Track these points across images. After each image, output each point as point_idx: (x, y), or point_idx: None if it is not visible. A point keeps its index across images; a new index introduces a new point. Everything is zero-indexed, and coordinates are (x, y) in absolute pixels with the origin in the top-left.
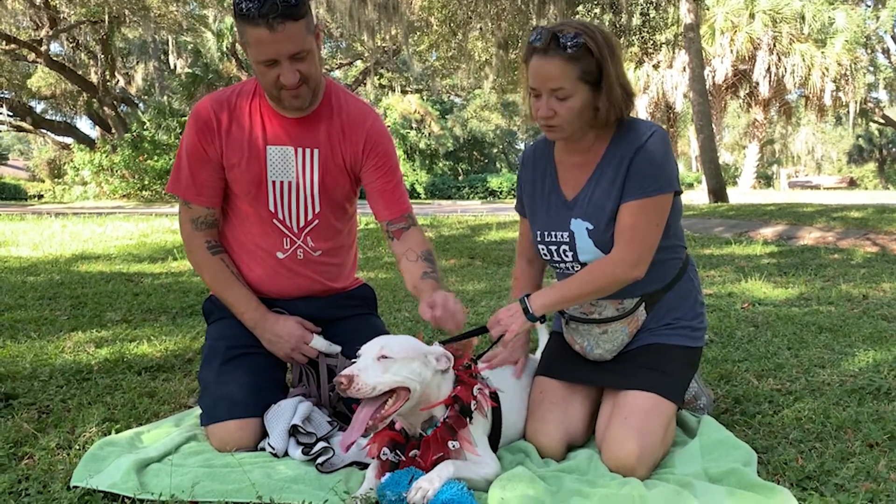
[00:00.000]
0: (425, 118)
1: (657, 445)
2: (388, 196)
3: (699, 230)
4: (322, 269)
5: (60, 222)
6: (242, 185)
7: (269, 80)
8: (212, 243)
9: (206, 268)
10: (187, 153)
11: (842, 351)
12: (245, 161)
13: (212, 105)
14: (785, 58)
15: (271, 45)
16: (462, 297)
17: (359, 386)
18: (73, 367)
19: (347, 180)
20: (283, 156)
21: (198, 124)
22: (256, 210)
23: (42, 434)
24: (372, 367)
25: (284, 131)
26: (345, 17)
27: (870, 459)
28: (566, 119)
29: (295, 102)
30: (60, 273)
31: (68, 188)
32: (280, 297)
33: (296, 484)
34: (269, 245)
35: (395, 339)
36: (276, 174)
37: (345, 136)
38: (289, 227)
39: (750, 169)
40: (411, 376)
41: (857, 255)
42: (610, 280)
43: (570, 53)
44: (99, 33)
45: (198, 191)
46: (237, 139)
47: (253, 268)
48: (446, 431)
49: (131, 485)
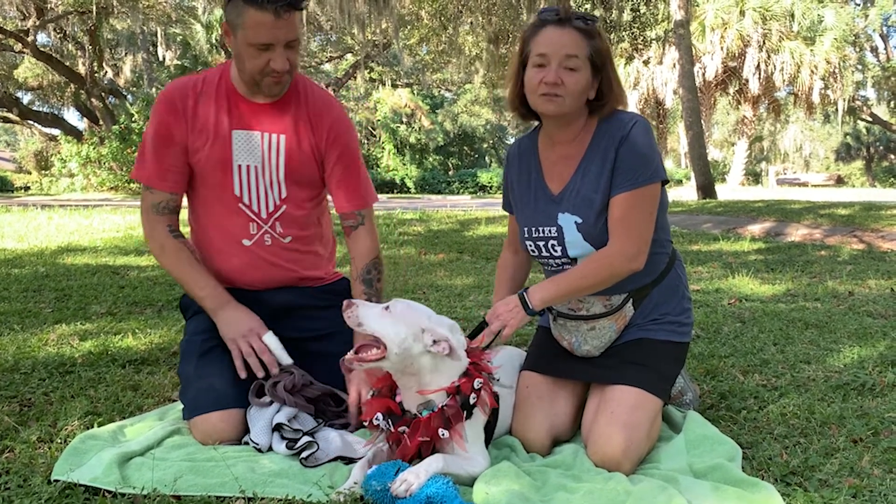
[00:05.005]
0: (416, 112)
1: (643, 440)
2: (345, 187)
3: (687, 226)
4: (293, 258)
5: (46, 214)
6: (208, 169)
7: (257, 65)
8: (173, 228)
9: (167, 251)
10: (153, 137)
11: (827, 347)
12: (210, 145)
13: (178, 89)
14: (774, 55)
15: (272, 30)
16: (450, 291)
17: (351, 313)
18: (57, 360)
19: (314, 167)
20: (248, 140)
21: (165, 106)
22: (221, 196)
23: (23, 427)
24: (373, 310)
25: (251, 116)
26: (335, 11)
27: (853, 455)
28: (571, 91)
29: (275, 89)
30: (45, 265)
31: (55, 180)
32: (252, 287)
33: (279, 478)
34: (235, 232)
35: (411, 303)
36: (242, 158)
37: (310, 125)
38: (256, 213)
39: (738, 166)
40: (395, 339)
41: (843, 252)
42: (609, 273)
43: (587, 28)
44: (87, 24)
45: (161, 175)
46: (203, 123)
47: (221, 258)
48: (440, 419)
49: (113, 478)
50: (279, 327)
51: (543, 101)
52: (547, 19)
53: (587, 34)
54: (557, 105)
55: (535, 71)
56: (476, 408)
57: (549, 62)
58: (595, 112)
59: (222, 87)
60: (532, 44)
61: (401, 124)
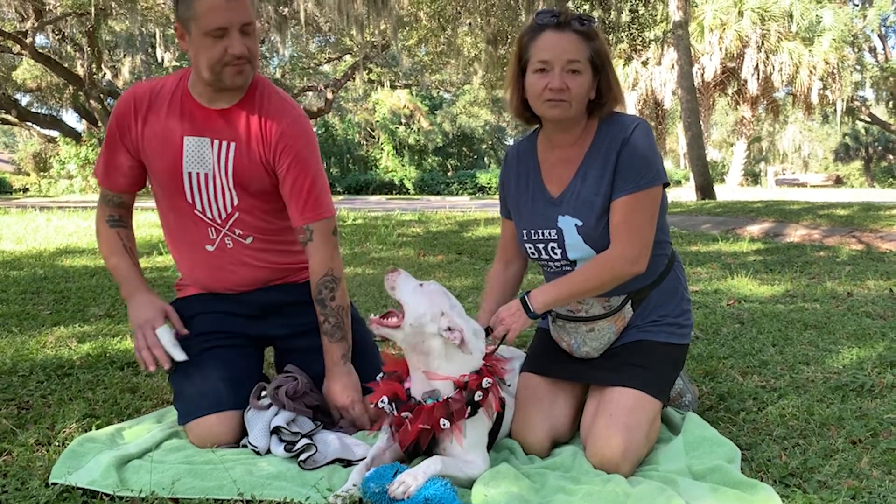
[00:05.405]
0: (414, 113)
1: (641, 442)
2: (294, 199)
3: (686, 227)
4: (260, 255)
5: (45, 216)
6: (160, 177)
7: (216, 55)
8: (115, 217)
9: (101, 237)
10: (105, 137)
11: (826, 348)
12: (160, 152)
13: (133, 95)
14: (773, 56)
15: (224, 12)
16: (449, 292)
17: (393, 280)
18: (55, 363)
19: (266, 175)
20: (198, 147)
21: (118, 109)
22: (178, 203)
23: (21, 430)
24: (410, 282)
25: (203, 123)
26: (333, 12)
27: (852, 456)
28: (576, 95)
29: (237, 80)
30: (44, 267)
31: (54, 182)
32: (231, 290)
33: (277, 481)
34: (196, 238)
35: (444, 290)
36: (192, 165)
37: (260, 133)
38: (211, 219)
39: (737, 166)
40: (414, 311)
41: (842, 253)
42: (611, 276)
43: (585, 30)
44: (85, 25)
45: (105, 172)
46: (154, 129)
47: (192, 265)
48: (443, 410)
49: (111, 481)
50: (266, 325)
51: (549, 107)
52: (545, 23)
53: (586, 36)
54: (564, 111)
55: (537, 77)
56: (481, 409)
57: (551, 68)
58: (594, 112)
59: (177, 94)
60: (532, 49)
61: (399, 125)
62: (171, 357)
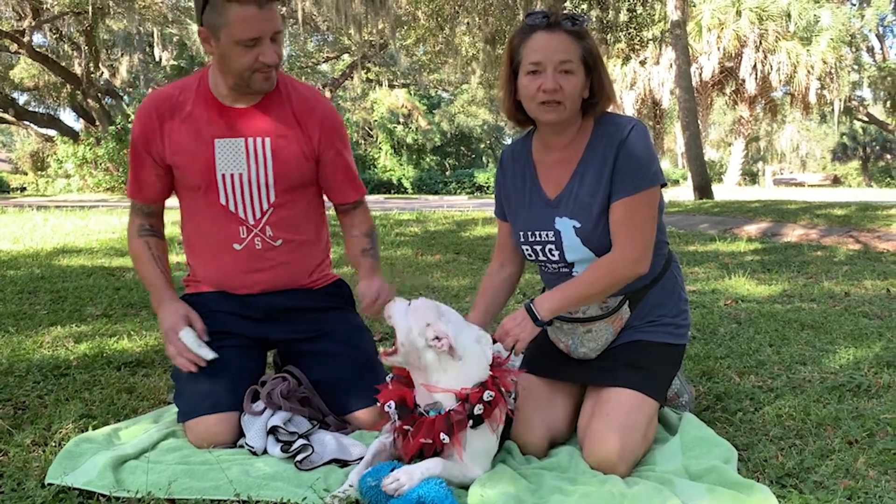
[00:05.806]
0: (413, 113)
1: (638, 443)
2: (343, 177)
3: (684, 227)
4: (284, 262)
5: (42, 215)
6: (191, 181)
7: (246, 62)
8: (145, 227)
9: (132, 247)
10: (130, 153)
11: (823, 348)
12: (191, 157)
13: (153, 104)
14: (771, 55)
15: (258, 22)
16: (447, 292)
17: (389, 309)
18: (51, 363)
19: (306, 165)
20: (232, 148)
21: (139, 122)
22: (208, 205)
23: (17, 430)
24: (403, 307)
25: (233, 123)
26: (331, 11)
27: (849, 456)
28: (569, 95)
29: (265, 85)
30: (41, 267)
31: (51, 181)
32: (245, 291)
33: (274, 481)
34: (225, 237)
35: (431, 303)
36: (226, 167)
37: (298, 123)
38: (243, 219)
39: (735, 166)
40: (403, 331)
41: (839, 253)
42: (615, 278)
43: (575, 30)
44: (83, 24)
45: (138, 189)
46: (181, 135)
47: (212, 263)
48: (444, 423)
49: (107, 482)
50: (272, 329)
51: (544, 110)
52: (536, 24)
53: (577, 35)
54: (559, 113)
55: (529, 78)
56: (484, 423)
57: (544, 69)
58: (588, 112)
59: (201, 97)
60: (523, 51)
61: (398, 125)
62: (202, 356)
